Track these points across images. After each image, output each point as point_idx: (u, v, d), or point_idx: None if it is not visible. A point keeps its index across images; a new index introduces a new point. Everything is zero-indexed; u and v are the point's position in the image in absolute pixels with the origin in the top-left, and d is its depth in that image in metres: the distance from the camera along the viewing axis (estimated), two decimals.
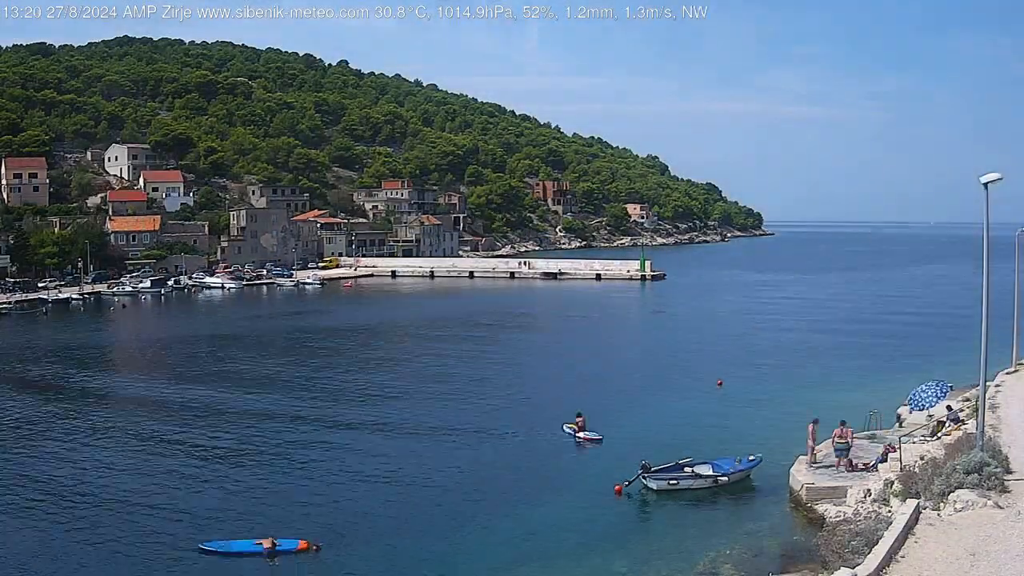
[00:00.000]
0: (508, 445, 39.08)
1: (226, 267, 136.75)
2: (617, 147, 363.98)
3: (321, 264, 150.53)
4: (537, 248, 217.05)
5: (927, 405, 35.25)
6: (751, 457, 34.08)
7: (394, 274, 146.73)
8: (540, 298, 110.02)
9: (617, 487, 32.22)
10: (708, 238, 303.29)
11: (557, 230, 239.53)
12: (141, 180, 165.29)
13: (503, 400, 48.69)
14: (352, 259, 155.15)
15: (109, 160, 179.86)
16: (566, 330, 79.24)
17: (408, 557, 26.76)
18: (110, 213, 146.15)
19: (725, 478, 32.64)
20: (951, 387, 37.11)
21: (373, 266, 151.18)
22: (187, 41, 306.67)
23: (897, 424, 39.35)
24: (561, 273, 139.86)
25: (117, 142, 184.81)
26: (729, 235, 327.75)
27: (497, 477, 34.49)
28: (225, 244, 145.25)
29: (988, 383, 32.06)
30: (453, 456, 37.51)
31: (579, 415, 40.04)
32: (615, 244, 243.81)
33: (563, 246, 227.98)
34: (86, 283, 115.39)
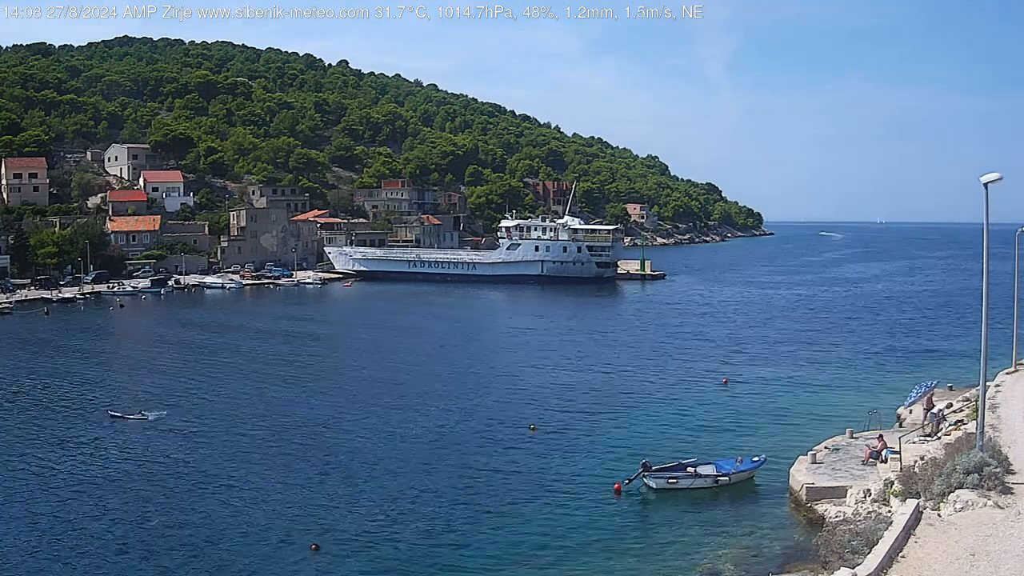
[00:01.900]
0: (507, 444, 39.02)
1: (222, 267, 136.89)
2: (617, 147, 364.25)
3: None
4: None
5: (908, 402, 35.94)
6: (754, 458, 34.01)
7: None
8: (540, 297, 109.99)
9: (616, 486, 32.21)
10: (708, 238, 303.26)
11: None
12: (141, 180, 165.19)
13: (502, 399, 48.65)
14: None
15: (109, 160, 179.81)
16: (566, 330, 79.19)
17: (406, 557, 26.73)
18: (110, 213, 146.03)
19: (726, 478, 32.58)
20: (935, 384, 37.72)
21: None
22: (187, 41, 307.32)
23: (897, 424, 39.35)
24: None
25: (117, 142, 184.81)
26: (729, 235, 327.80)
27: (496, 476, 34.45)
28: (225, 244, 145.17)
29: (988, 383, 32.07)
30: (452, 455, 37.47)
31: None
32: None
33: None
34: (86, 283, 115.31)
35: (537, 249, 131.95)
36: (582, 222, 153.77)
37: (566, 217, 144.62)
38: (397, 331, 79.18)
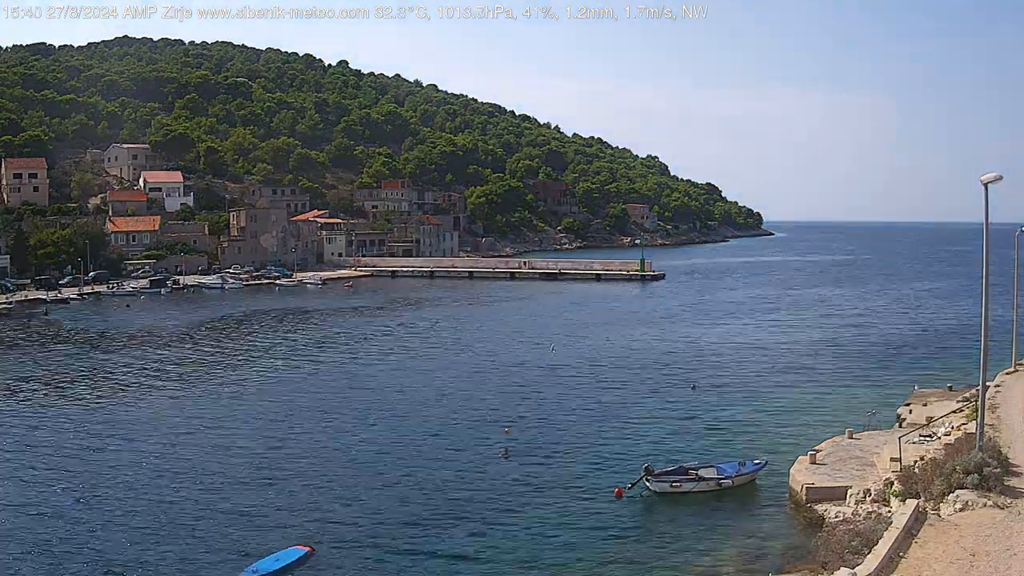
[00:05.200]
0: (508, 447, 38.99)
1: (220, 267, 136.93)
2: (617, 147, 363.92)
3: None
4: (537, 248, 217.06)
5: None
6: (756, 461, 34.04)
7: (394, 274, 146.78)
8: (538, 297, 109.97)
9: (618, 490, 32.17)
10: (708, 238, 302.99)
11: (557, 230, 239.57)
12: (141, 180, 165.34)
13: (501, 401, 48.63)
14: (352, 259, 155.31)
15: (109, 160, 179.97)
16: (563, 332, 79.14)
17: (406, 559, 26.70)
18: (110, 213, 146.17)
19: (728, 481, 32.52)
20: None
21: (373, 266, 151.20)
22: (187, 41, 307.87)
23: (897, 424, 39.34)
24: (561, 273, 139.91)
25: (117, 142, 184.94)
26: (730, 235, 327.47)
27: (498, 479, 34.42)
28: (225, 244, 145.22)
29: (988, 383, 32.07)
30: (452, 457, 37.45)
31: None
32: (615, 244, 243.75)
33: (563, 246, 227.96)
34: (86, 283, 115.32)
35: None
36: None
37: None
38: (390, 331, 79.19)
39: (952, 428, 32.52)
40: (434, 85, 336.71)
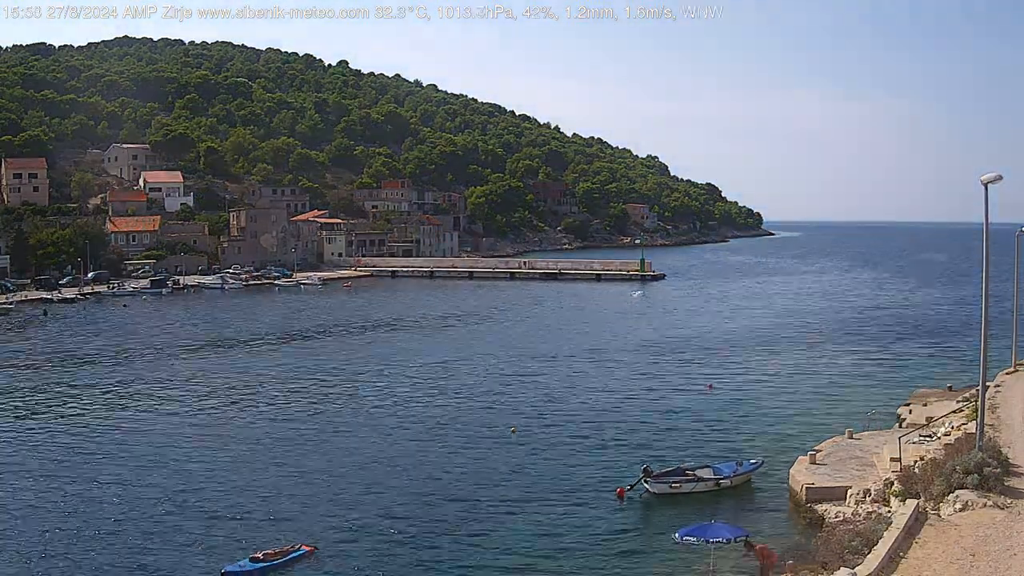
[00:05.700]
0: (509, 447, 39.01)
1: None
2: (617, 147, 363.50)
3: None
4: (537, 248, 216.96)
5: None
6: (752, 461, 34.13)
7: (394, 274, 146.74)
8: (538, 298, 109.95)
9: (619, 490, 32.20)
10: (708, 238, 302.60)
11: (557, 230, 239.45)
12: (141, 180, 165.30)
13: (501, 401, 48.65)
14: (352, 259, 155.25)
15: (109, 160, 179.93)
16: (562, 331, 79.15)
17: (407, 558, 26.72)
18: (110, 213, 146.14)
19: (727, 481, 32.57)
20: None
21: (373, 266, 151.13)
22: (187, 41, 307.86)
23: (897, 424, 39.35)
24: (561, 273, 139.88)
25: (117, 142, 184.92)
26: (730, 235, 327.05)
27: (499, 479, 34.43)
28: (225, 244, 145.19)
29: (988, 383, 32.06)
30: (454, 458, 37.46)
31: None
32: (615, 244, 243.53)
33: (563, 246, 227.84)
34: (86, 283, 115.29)
35: None
36: None
37: None
38: (392, 330, 79.19)
39: (952, 428, 32.53)
40: (434, 85, 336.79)
